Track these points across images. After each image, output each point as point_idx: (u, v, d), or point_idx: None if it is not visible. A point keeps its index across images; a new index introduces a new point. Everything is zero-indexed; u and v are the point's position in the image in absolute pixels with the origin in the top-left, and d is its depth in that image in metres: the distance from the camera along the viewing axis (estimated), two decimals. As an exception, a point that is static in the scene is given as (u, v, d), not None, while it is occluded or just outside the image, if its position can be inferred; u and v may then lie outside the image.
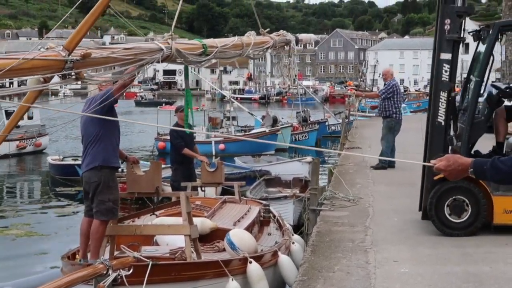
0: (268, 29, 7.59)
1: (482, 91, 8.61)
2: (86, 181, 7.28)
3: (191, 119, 6.79)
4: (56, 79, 4.32)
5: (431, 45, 8.75)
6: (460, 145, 8.51)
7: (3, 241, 14.45)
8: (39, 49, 4.38)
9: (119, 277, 5.85)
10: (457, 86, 9.31)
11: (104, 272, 5.72)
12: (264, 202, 11.14)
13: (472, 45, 9.09)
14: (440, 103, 8.54)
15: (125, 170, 8.09)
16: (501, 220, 8.29)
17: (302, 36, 8.78)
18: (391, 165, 13.62)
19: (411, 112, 44.33)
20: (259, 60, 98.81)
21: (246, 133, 32.72)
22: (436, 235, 8.35)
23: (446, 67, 8.51)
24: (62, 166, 23.44)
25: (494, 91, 8.98)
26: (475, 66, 8.95)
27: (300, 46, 8.60)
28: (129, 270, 6.04)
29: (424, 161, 8.69)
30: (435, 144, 8.58)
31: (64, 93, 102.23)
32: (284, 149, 30.88)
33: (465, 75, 10.01)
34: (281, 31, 8.02)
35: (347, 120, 23.56)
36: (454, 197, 8.33)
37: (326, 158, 27.37)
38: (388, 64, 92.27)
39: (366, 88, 76.92)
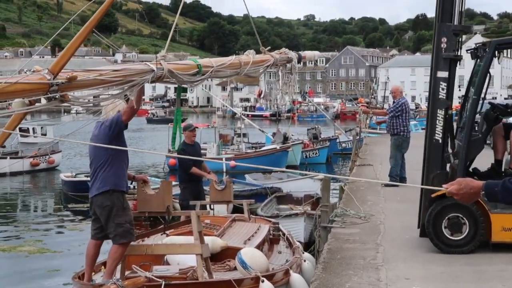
0: (269, 47, 7.54)
1: (479, 109, 8.63)
2: (98, 205, 7.14)
3: (178, 138, 6.79)
4: (43, 100, 4.35)
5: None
6: (457, 163, 8.50)
7: (16, 258, 14.50)
8: (25, 72, 4.43)
9: (131, 297, 5.85)
10: (459, 103, 9.35)
11: (117, 292, 5.73)
12: (273, 220, 11.13)
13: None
14: (438, 121, 8.56)
15: (136, 187, 8.07)
16: (499, 237, 8.27)
17: (306, 53, 8.78)
18: (402, 181, 13.60)
19: (422, 129, 44.18)
20: (270, 77, 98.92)
21: (257, 150, 32.77)
22: (449, 253, 8.30)
23: (443, 85, 8.54)
24: (74, 182, 23.57)
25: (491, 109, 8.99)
26: (472, 83, 8.96)
27: (305, 63, 8.60)
28: (141, 291, 6.03)
29: (423, 178, 8.73)
30: (433, 161, 8.60)
31: (76, 110, 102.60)
32: (295, 166, 30.89)
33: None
34: (283, 49, 7.99)
35: (358, 137, 23.55)
36: (452, 215, 8.33)
37: (337, 175, 27.31)
38: (399, 81, 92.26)
39: (377, 105, 76.75)
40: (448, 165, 8.69)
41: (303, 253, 9.46)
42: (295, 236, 11.08)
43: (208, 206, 11.07)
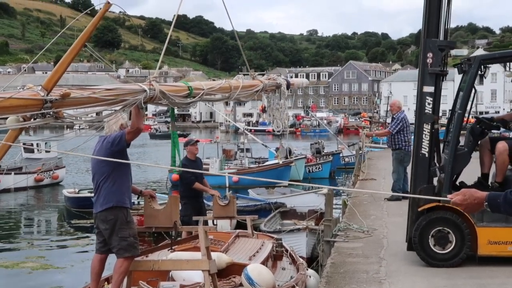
0: (257, 74, 7.62)
1: (464, 123, 8.74)
2: (101, 220, 7.14)
3: (178, 159, 6.85)
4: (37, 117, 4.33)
5: (452, 75, 8.83)
6: (443, 177, 8.54)
7: (19, 274, 14.50)
8: (18, 88, 4.44)
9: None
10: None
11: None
12: (276, 236, 11.11)
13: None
14: (424, 135, 8.64)
15: (141, 202, 8.10)
16: (485, 251, 8.33)
17: (294, 80, 8.95)
18: (405, 196, 13.61)
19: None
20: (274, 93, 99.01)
21: (259, 165, 32.76)
22: (452, 266, 8.32)
23: (429, 99, 8.63)
24: (77, 198, 23.60)
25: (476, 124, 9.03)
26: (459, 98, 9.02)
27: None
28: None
29: (410, 192, 8.79)
30: (419, 175, 8.66)
31: (79, 126, 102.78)
32: (298, 180, 30.88)
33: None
34: (272, 75, 8.11)
35: (361, 152, 23.55)
36: (438, 229, 8.40)
37: (340, 190, 27.32)
38: (402, 95, 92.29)
39: (380, 119, 76.79)
40: (435, 179, 8.74)
41: (307, 269, 9.45)
42: (297, 251, 11.08)
43: (210, 222, 11.05)
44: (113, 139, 6.95)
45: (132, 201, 18.64)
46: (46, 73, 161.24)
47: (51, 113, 4.25)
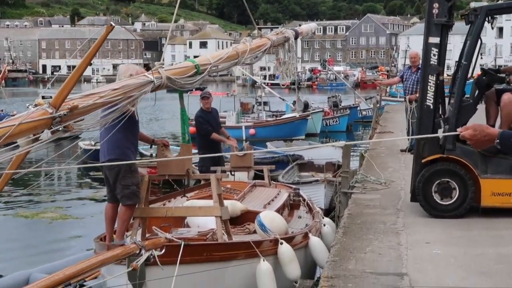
0: (264, 32, 7.52)
1: (470, 75, 8.63)
2: (107, 168, 7.28)
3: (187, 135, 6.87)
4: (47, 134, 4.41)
5: (464, 29, 8.71)
6: (448, 128, 8.47)
7: (40, 224, 14.71)
8: (28, 107, 4.44)
9: (151, 257, 5.91)
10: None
11: (137, 252, 5.79)
12: (293, 186, 11.15)
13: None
14: (429, 86, 8.55)
15: (154, 154, 8.14)
16: (488, 202, 8.30)
17: (302, 28, 8.83)
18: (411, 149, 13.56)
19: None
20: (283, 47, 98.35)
21: (277, 118, 32.74)
22: (468, 217, 8.31)
23: (435, 51, 8.51)
24: (94, 151, 23.68)
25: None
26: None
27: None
28: (161, 251, 6.10)
29: (415, 144, 8.75)
30: (424, 127, 8.59)
31: (97, 79, 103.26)
32: (315, 134, 30.85)
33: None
34: (279, 29, 8.01)
35: (378, 105, 23.42)
36: (441, 180, 8.36)
37: (357, 142, 27.28)
38: (420, 49, 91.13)
39: (397, 74, 76.13)
40: (440, 131, 8.67)
41: (322, 218, 9.49)
42: (315, 202, 11.12)
43: (228, 173, 11.10)
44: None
45: (147, 153, 18.67)
46: (62, 26, 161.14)
47: (60, 128, 4.32)
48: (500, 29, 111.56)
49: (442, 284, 5.90)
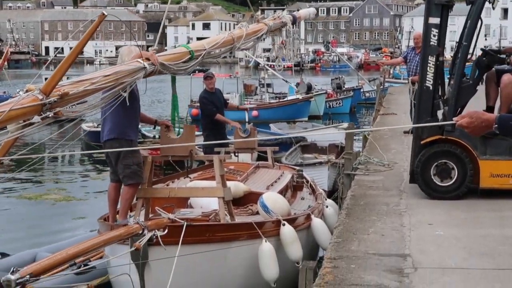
0: (262, 15, 7.48)
1: (470, 55, 8.61)
2: (108, 148, 7.23)
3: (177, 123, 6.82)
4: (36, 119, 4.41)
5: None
6: (447, 109, 8.43)
7: (43, 205, 14.73)
8: (18, 92, 4.44)
9: (154, 237, 5.94)
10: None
11: (140, 232, 5.82)
12: (297, 167, 11.14)
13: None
14: (428, 67, 8.51)
15: (157, 136, 8.14)
16: (487, 184, 8.30)
17: (300, 13, 8.78)
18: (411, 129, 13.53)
19: (447, 78, 43.70)
20: (294, 27, 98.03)
21: (280, 100, 32.66)
22: (472, 199, 8.30)
23: (435, 31, 8.46)
24: (96, 133, 23.69)
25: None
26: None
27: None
28: (164, 231, 6.12)
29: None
30: (423, 108, 8.57)
31: (99, 61, 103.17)
32: (318, 116, 30.80)
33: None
34: (277, 14, 7.96)
35: (381, 87, 23.35)
36: (440, 161, 8.36)
37: (360, 124, 27.25)
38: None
39: (401, 55, 75.82)
40: (440, 112, 8.64)
41: (325, 199, 9.49)
42: (319, 184, 11.10)
43: (232, 154, 11.11)
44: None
45: (149, 134, 18.59)
46: (65, 7, 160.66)
47: (50, 115, 4.35)
48: (505, 10, 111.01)
49: (445, 265, 5.90)
